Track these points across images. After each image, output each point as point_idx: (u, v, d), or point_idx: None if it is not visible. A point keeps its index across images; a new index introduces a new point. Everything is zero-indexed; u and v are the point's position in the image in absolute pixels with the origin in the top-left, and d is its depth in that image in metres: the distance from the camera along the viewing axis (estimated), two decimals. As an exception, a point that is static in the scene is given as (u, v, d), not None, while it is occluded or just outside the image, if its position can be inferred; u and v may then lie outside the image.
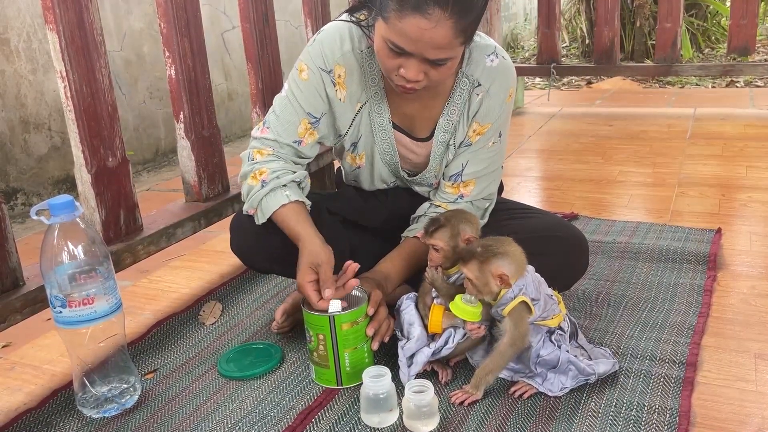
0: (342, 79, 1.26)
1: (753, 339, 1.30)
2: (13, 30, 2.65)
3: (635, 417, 1.06)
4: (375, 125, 1.31)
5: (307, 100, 1.27)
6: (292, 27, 4.12)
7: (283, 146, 1.28)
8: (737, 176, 2.34)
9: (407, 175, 1.39)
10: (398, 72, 1.11)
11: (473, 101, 1.28)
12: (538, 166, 2.70)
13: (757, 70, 3.55)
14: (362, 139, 1.33)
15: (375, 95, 1.29)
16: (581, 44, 5.45)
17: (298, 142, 1.29)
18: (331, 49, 1.25)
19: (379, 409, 1.06)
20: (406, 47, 1.06)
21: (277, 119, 1.29)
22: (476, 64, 1.26)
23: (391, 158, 1.35)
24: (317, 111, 1.28)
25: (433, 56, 1.07)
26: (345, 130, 1.32)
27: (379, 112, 1.30)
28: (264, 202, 1.24)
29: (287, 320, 1.38)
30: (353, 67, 1.26)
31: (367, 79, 1.28)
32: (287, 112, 1.28)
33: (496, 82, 1.27)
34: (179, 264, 1.86)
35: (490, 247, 1.07)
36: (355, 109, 1.30)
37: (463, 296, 1.09)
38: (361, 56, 1.26)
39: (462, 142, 1.31)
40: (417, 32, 1.03)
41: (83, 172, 1.37)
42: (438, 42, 1.04)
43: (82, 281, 1.07)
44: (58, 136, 2.87)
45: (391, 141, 1.33)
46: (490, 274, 1.06)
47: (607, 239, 1.79)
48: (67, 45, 1.29)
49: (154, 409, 1.16)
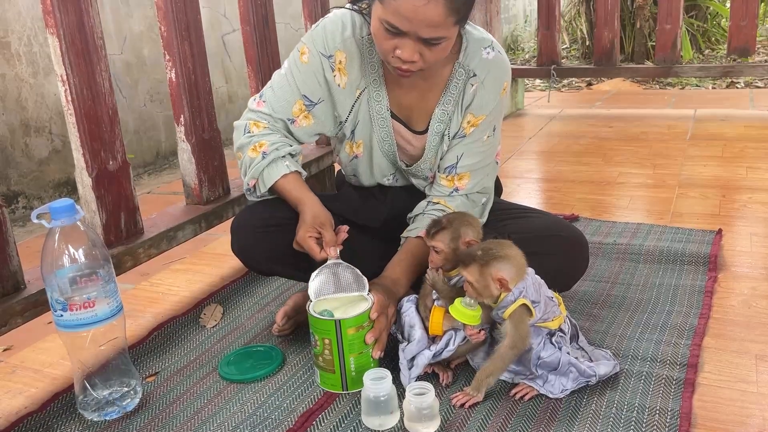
0: (342, 65, 1.29)
1: (754, 340, 1.30)
2: (13, 33, 2.66)
3: (636, 419, 1.06)
4: (373, 112, 1.33)
5: (304, 83, 1.30)
6: (292, 29, 4.12)
7: (277, 121, 1.32)
8: (738, 177, 2.34)
9: (404, 165, 1.39)
10: (394, 53, 1.14)
11: (468, 91, 1.30)
12: (538, 168, 2.70)
13: (757, 71, 3.55)
14: (360, 126, 1.35)
15: (374, 82, 1.31)
16: (581, 46, 5.45)
17: (292, 121, 1.32)
18: (333, 34, 1.28)
19: (380, 412, 1.06)
20: (400, 26, 1.09)
21: (274, 95, 1.32)
22: (472, 56, 1.28)
23: (389, 147, 1.36)
24: (314, 95, 1.31)
25: (427, 35, 1.10)
26: (345, 117, 1.34)
27: (378, 100, 1.32)
28: (266, 173, 1.29)
29: (288, 323, 1.38)
30: (354, 53, 1.29)
31: (367, 66, 1.30)
32: (284, 90, 1.32)
33: (491, 74, 1.29)
34: (180, 267, 1.87)
35: (490, 251, 1.07)
36: (355, 96, 1.32)
37: (462, 300, 1.09)
38: (362, 42, 1.29)
39: (456, 133, 1.33)
40: (411, 10, 1.07)
41: (84, 176, 1.37)
42: (432, 20, 1.07)
43: (83, 284, 1.07)
44: (58, 140, 2.87)
45: (389, 129, 1.34)
46: (490, 278, 1.06)
47: (608, 241, 1.79)
48: (67, 49, 1.29)
49: (155, 412, 1.16)
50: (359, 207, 1.43)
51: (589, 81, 4.82)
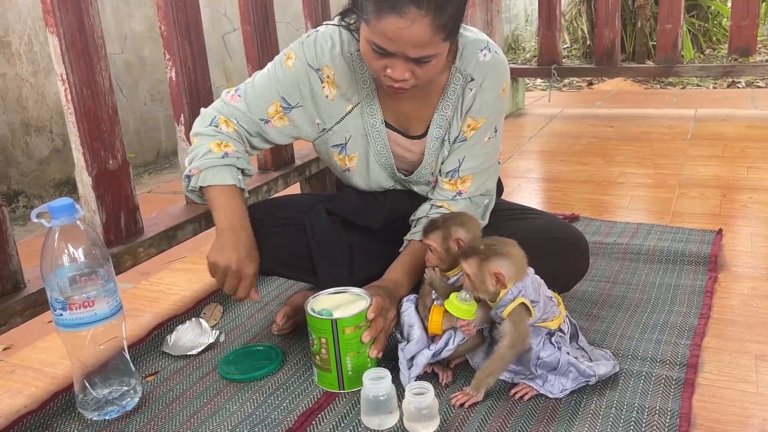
0: (331, 79, 1.28)
1: (754, 340, 1.29)
2: (14, 33, 2.66)
3: (636, 419, 1.06)
4: (368, 126, 1.32)
5: (284, 87, 1.28)
6: (292, 29, 4.12)
7: (248, 122, 1.29)
8: (738, 177, 2.34)
9: (404, 175, 1.39)
10: (385, 72, 1.13)
11: (467, 96, 1.28)
12: (538, 168, 2.70)
13: (758, 71, 3.55)
14: (352, 140, 1.33)
15: (367, 97, 1.30)
16: (582, 45, 5.45)
17: (266, 121, 1.30)
18: (323, 49, 1.26)
19: (379, 412, 1.06)
20: (387, 47, 1.08)
21: (253, 90, 1.29)
22: (469, 59, 1.27)
23: (386, 160, 1.36)
24: (292, 99, 1.29)
25: (414, 54, 1.08)
26: (329, 125, 1.32)
27: (372, 114, 1.31)
28: (216, 171, 1.23)
29: (288, 322, 1.38)
30: (343, 69, 1.27)
31: (359, 81, 1.29)
32: (263, 88, 1.29)
33: (489, 76, 1.27)
34: (180, 266, 1.87)
35: (492, 246, 1.08)
36: (346, 109, 1.30)
37: (458, 294, 1.10)
38: (351, 59, 1.27)
39: (456, 137, 1.32)
40: (395, 32, 1.05)
41: (84, 175, 1.37)
42: (417, 40, 1.06)
43: (83, 284, 1.07)
44: (59, 139, 2.88)
45: (384, 142, 1.33)
46: (488, 273, 1.07)
47: (608, 240, 1.79)
48: (67, 48, 1.29)
49: (155, 412, 1.16)
50: (359, 208, 1.42)
51: (589, 81, 4.82)
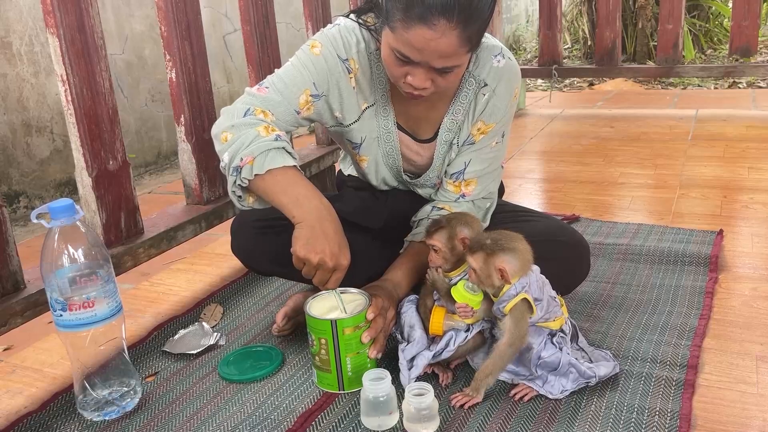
0: (354, 72, 1.26)
1: (754, 341, 1.29)
2: (15, 33, 2.66)
3: (636, 420, 1.06)
4: (381, 127, 1.32)
5: (313, 73, 1.23)
6: (293, 29, 4.12)
7: (284, 112, 1.23)
8: (739, 178, 2.34)
9: (410, 178, 1.39)
10: (405, 79, 1.12)
11: (479, 101, 1.28)
12: (539, 168, 2.70)
13: (759, 71, 3.54)
14: (366, 142, 1.33)
15: (382, 98, 1.29)
16: (583, 46, 5.44)
17: (298, 112, 1.24)
18: (349, 42, 1.24)
19: (379, 412, 1.06)
20: (412, 56, 1.07)
21: (281, 81, 1.23)
22: (483, 65, 1.27)
23: (393, 161, 1.36)
24: (321, 86, 1.24)
25: (439, 65, 1.08)
26: (348, 123, 1.30)
27: (385, 115, 1.31)
28: (274, 154, 1.15)
29: (288, 323, 1.38)
30: (364, 67, 1.26)
31: (376, 82, 1.28)
32: (291, 77, 1.23)
33: (503, 82, 1.27)
34: (180, 267, 1.87)
35: (498, 241, 1.09)
36: (362, 107, 1.29)
37: (466, 283, 1.11)
38: (369, 58, 1.26)
39: (465, 140, 1.32)
40: (423, 42, 1.04)
41: (84, 176, 1.37)
42: (444, 51, 1.05)
43: (83, 284, 1.07)
44: (60, 139, 2.88)
45: (394, 144, 1.33)
46: (494, 267, 1.07)
47: (609, 241, 1.79)
48: (67, 48, 1.29)
49: (155, 412, 1.16)
50: (360, 208, 1.42)
51: (590, 81, 4.81)
